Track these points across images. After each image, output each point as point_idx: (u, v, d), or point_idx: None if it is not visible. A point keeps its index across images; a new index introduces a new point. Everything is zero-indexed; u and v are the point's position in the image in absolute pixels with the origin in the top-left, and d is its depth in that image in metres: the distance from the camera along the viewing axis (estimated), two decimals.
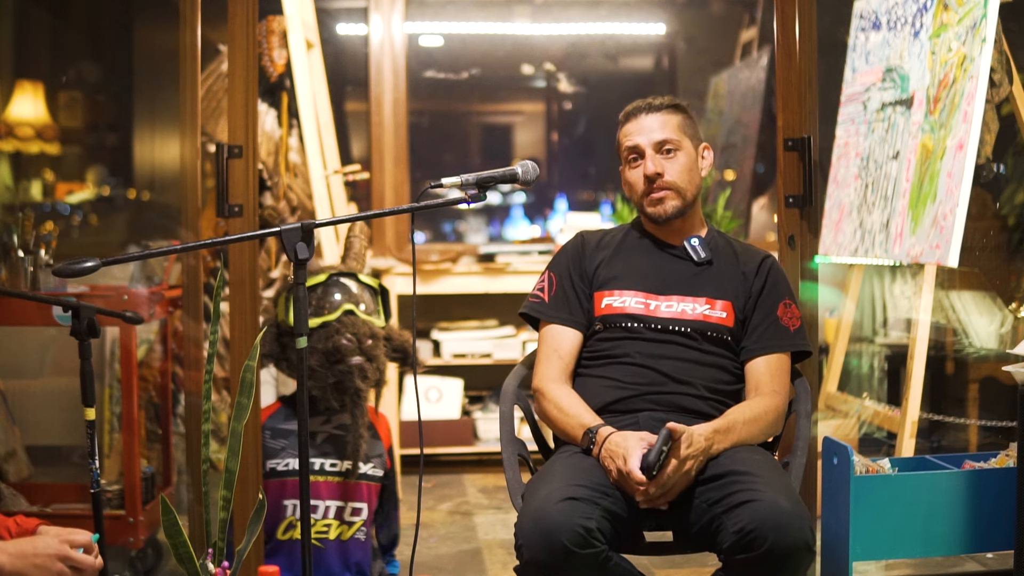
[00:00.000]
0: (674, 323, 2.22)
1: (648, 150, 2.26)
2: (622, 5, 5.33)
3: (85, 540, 1.81)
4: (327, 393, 2.86)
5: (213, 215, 3.26)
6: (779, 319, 2.25)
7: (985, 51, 2.86)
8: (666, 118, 2.28)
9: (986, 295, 3.75)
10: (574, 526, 1.86)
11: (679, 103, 2.33)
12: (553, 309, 2.31)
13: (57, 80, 4.52)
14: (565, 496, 1.91)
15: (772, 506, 1.87)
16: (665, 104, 2.30)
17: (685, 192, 2.27)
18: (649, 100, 2.31)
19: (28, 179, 4.45)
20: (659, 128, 2.27)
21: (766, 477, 1.96)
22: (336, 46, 4.97)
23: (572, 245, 2.40)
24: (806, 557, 1.88)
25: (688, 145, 2.29)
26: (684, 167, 2.27)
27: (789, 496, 1.92)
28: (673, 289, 2.26)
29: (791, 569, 1.87)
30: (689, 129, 2.31)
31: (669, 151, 2.26)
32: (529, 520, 1.90)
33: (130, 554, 3.02)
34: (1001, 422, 3.60)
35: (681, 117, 2.30)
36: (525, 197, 5.51)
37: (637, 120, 2.29)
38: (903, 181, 3.18)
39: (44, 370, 3.71)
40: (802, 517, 1.88)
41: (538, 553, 1.87)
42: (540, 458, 2.42)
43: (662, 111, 2.28)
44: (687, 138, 2.29)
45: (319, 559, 2.88)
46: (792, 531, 1.85)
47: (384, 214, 2.17)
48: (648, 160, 2.26)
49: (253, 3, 2.67)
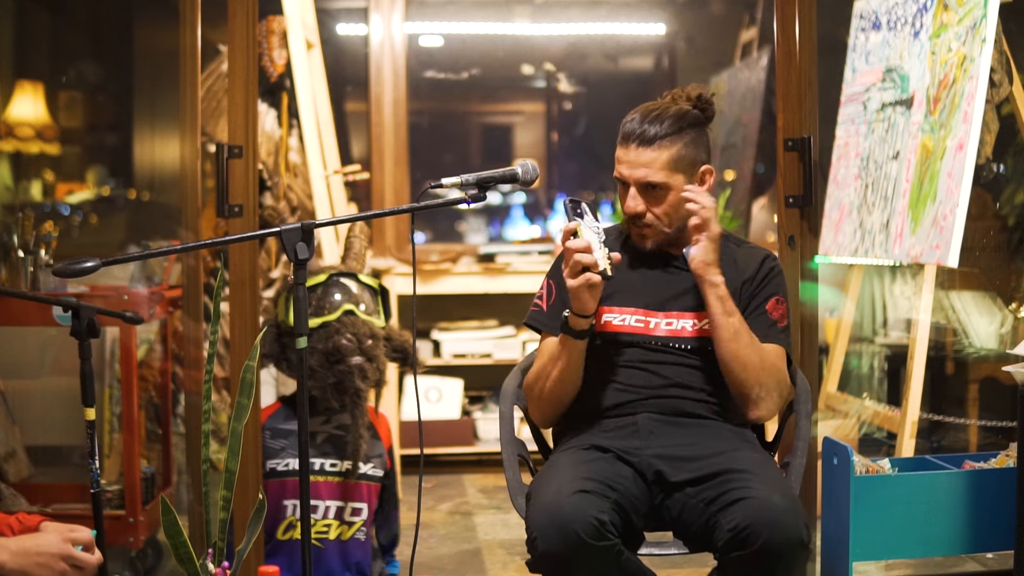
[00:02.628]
0: (674, 340, 2.19)
1: (632, 188, 2.18)
2: (622, 5, 5.33)
3: (86, 538, 1.81)
4: (327, 393, 2.86)
5: (213, 215, 3.26)
6: (767, 312, 2.21)
7: (985, 51, 2.86)
8: (656, 154, 2.14)
9: (986, 295, 3.75)
10: (588, 518, 1.86)
11: (682, 122, 2.17)
12: (551, 319, 2.26)
13: (57, 80, 4.52)
14: (577, 489, 1.91)
15: (766, 503, 1.87)
16: (661, 134, 2.14)
17: (668, 229, 2.20)
18: (645, 128, 2.15)
19: (28, 179, 4.45)
20: (647, 167, 2.15)
21: (762, 475, 1.96)
22: (336, 46, 4.97)
23: None
24: (801, 554, 1.87)
25: (679, 181, 2.17)
26: (670, 204, 2.18)
27: (784, 493, 1.92)
28: (672, 305, 2.22)
29: (786, 565, 1.87)
30: (683, 162, 2.16)
31: (654, 190, 2.17)
32: (542, 513, 1.90)
33: (130, 554, 3.02)
34: (1001, 422, 3.60)
35: (678, 148, 2.15)
36: (525, 197, 5.51)
37: (628, 150, 2.16)
38: (903, 181, 3.18)
39: (44, 370, 3.71)
40: (796, 514, 1.88)
41: (553, 545, 1.86)
42: (540, 458, 2.42)
43: (654, 145, 2.14)
44: (679, 174, 2.16)
45: (319, 559, 2.88)
46: (786, 528, 1.85)
47: (384, 214, 2.17)
48: (631, 199, 2.18)
49: (253, 3, 2.68)
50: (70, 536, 1.79)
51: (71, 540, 1.78)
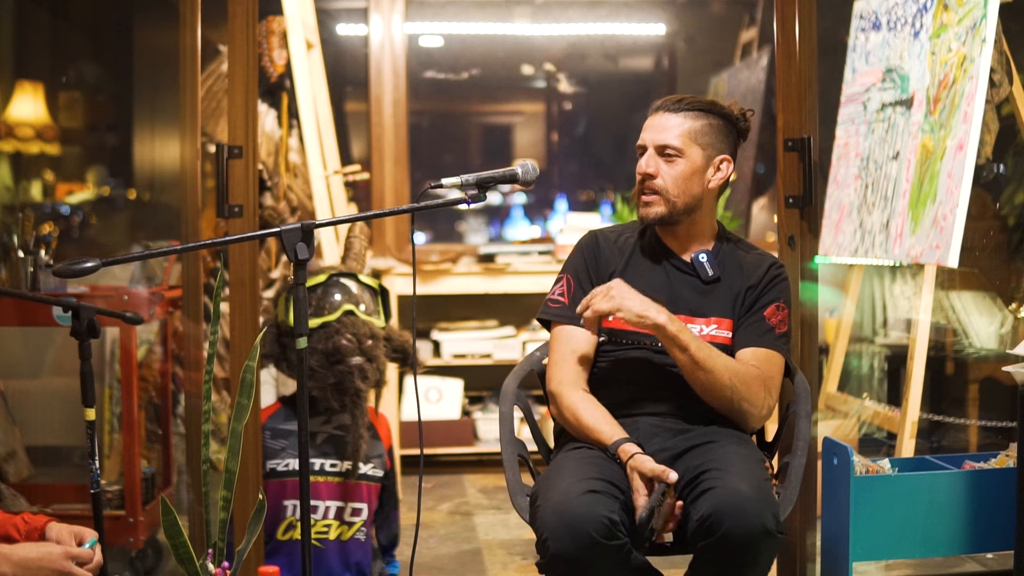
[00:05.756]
0: None
1: (650, 148, 2.23)
2: (622, 5, 5.33)
3: (86, 555, 1.84)
4: (327, 393, 2.86)
5: (213, 215, 3.26)
6: (765, 318, 2.22)
7: (985, 51, 2.86)
8: (680, 121, 2.22)
9: (986, 295, 3.75)
10: (599, 517, 1.86)
11: (713, 108, 2.25)
12: (574, 311, 2.26)
13: (57, 80, 4.51)
14: (587, 489, 1.92)
15: (729, 491, 1.88)
16: (690, 106, 2.23)
17: (675, 200, 2.22)
18: (680, 97, 2.25)
19: (28, 179, 4.44)
20: (666, 130, 2.22)
21: (734, 467, 1.96)
22: (336, 46, 4.97)
23: (587, 246, 2.34)
24: (766, 542, 1.87)
25: (695, 154, 2.22)
26: (682, 175, 2.21)
27: (751, 482, 1.91)
28: (681, 310, 2.23)
29: (753, 554, 1.87)
30: (705, 137, 2.23)
31: (669, 155, 2.22)
32: (552, 513, 1.90)
33: (130, 554, 3.02)
34: (1001, 422, 3.60)
35: (703, 123, 2.23)
36: (525, 197, 5.51)
37: (654, 116, 2.25)
38: (903, 181, 3.18)
39: (44, 370, 3.71)
40: (762, 502, 1.87)
41: (565, 545, 1.87)
42: (540, 458, 2.42)
43: (681, 112, 2.23)
44: (696, 147, 2.22)
45: (319, 559, 2.88)
46: (748, 516, 1.85)
47: (384, 214, 2.17)
48: (645, 159, 2.23)
49: (253, 3, 2.68)
50: (73, 553, 1.82)
51: (73, 556, 1.81)
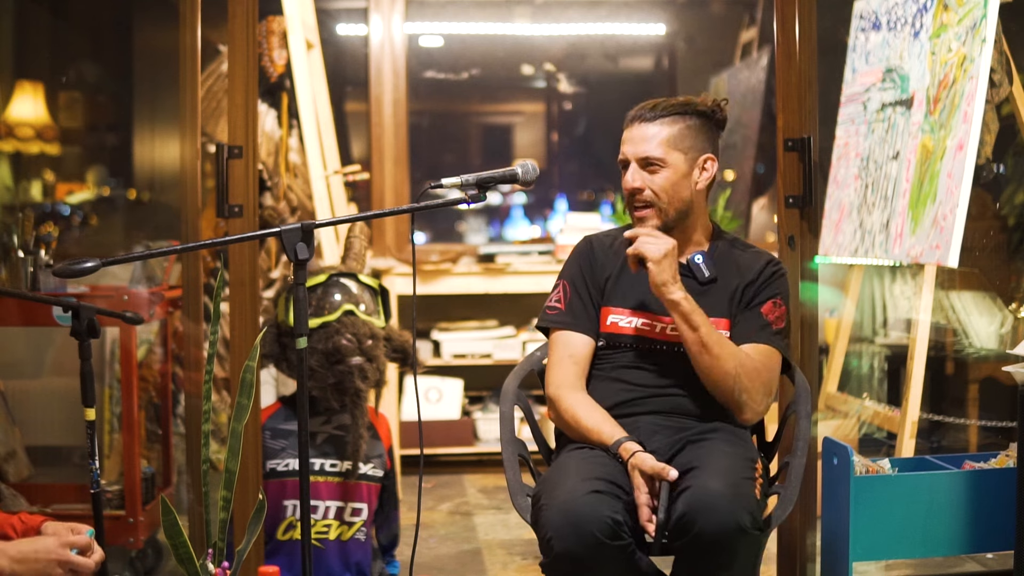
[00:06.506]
0: (678, 344, 2.19)
1: (632, 162, 2.22)
2: (622, 5, 5.33)
3: (84, 542, 1.82)
4: (327, 393, 2.86)
5: (213, 215, 3.26)
6: (763, 314, 2.22)
7: (985, 51, 2.86)
8: (658, 130, 2.20)
9: (986, 295, 3.75)
10: (604, 517, 1.87)
11: (688, 107, 2.23)
12: (571, 317, 2.28)
13: (57, 80, 4.51)
14: (591, 489, 1.92)
15: (702, 490, 1.88)
16: (665, 112, 2.21)
17: (667, 209, 2.21)
18: (654, 103, 2.22)
19: (28, 179, 4.44)
20: (645, 141, 2.20)
21: (714, 465, 1.96)
22: (336, 46, 4.97)
23: (582, 252, 2.35)
24: (740, 539, 1.86)
25: (677, 160, 2.20)
26: (668, 182, 2.20)
27: (726, 480, 1.91)
28: None
29: (728, 552, 1.87)
30: (684, 142, 2.21)
31: (653, 166, 2.20)
32: (557, 513, 1.90)
33: (130, 554, 3.02)
34: (1001, 422, 3.60)
35: (680, 127, 2.21)
36: (525, 197, 5.51)
37: (631, 128, 2.23)
38: (903, 181, 3.18)
39: (44, 370, 3.71)
40: (735, 499, 1.87)
41: (570, 545, 1.87)
42: (540, 458, 2.42)
43: (657, 120, 2.20)
44: (677, 152, 2.20)
45: (319, 559, 2.88)
46: (720, 514, 1.84)
47: (384, 214, 2.17)
48: (629, 174, 2.22)
49: (253, 3, 2.68)
50: (68, 540, 1.80)
51: (69, 544, 1.80)
